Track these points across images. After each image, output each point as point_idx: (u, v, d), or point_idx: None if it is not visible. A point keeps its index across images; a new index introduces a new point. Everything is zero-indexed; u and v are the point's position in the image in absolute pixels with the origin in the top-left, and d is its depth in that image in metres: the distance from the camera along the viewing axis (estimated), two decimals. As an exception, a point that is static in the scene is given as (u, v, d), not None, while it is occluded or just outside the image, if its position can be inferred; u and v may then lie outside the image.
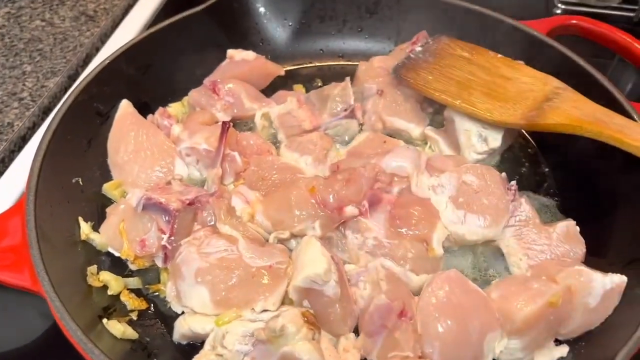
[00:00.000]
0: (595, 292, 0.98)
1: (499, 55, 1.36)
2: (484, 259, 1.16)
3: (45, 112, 1.55)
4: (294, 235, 1.12)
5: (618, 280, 1.01)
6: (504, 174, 1.19)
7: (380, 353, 0.97)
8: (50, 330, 1.17)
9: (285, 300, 1.04)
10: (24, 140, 1.48)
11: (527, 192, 1.28)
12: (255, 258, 1.05)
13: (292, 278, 1.03)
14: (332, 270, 1.00)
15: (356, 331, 1.03)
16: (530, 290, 0.97)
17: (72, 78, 1.64)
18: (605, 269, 1.04)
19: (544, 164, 1.38)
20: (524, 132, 1.42)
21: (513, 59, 1.35)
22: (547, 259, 1.09)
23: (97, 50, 1.73)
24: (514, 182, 1.17)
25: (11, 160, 1.43)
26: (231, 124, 1.25)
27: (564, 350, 1.01)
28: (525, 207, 1.15)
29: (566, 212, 1.26)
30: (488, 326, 0.96)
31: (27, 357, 1.16)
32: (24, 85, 1.57)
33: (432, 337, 0.95)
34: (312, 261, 1.01)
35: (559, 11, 1.84)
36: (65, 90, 1.61)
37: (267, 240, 1.13)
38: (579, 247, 1.11)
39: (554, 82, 1.27)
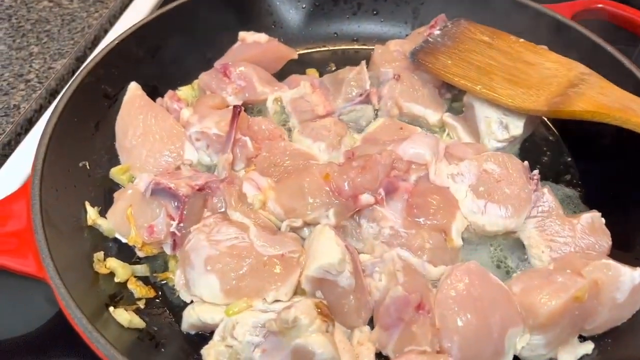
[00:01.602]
0: (624, 287, 0.94)
1: (521, 40, 1.31)
2: (504, 251, 1.11)
3: (52, 94, 1.51)
4: (306, 224, 1.09)
5: (647, 274, 0.96)
6: (526, 162, 1.14)
7: (396, 347, 0.93)
8: (58, 316, 1.14)
9: (297, 291, 1.01)
10: (30, 122, 1.45)
11: (548, 182, 1.24)
12: (267, 246, 1.02)
13: (305, 268, 1.00)
14: (346, 261, 0.97)
15: (371, 323, 1.00)
16: (555, 284, 0.93)
17: (80, 60, 1.60)
18: (632, 263, 1.00)
19: (567, 153, 1.33)
20: (545, 119, 1.37)
21: (536, 44, 1.30)
22: (571, 251, 1.05)
23: (106, 32, 1.69)
24: (536, 171, 1.13)
25: (17, 143, 1.41)
26: (242, 108, 1.21)
27: (589, 347, 0.97)
28: (548, 197, 1.11)
29: (590, 203, 1.21)
30: (510, 321, 0.92)
31: (34, 343, 1.13)
32: (30, 66, 1.54)
33: (451, 331, 0.91)
34: (326, 251, 0.98)
35: (582, -5, 1.77)
36: (73, 72, 1.57)
37: (279, 229, 1.09)
38: (605, 240, 1.07)
39: (579, 68, 1.22)
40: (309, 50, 1.58)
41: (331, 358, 0.88)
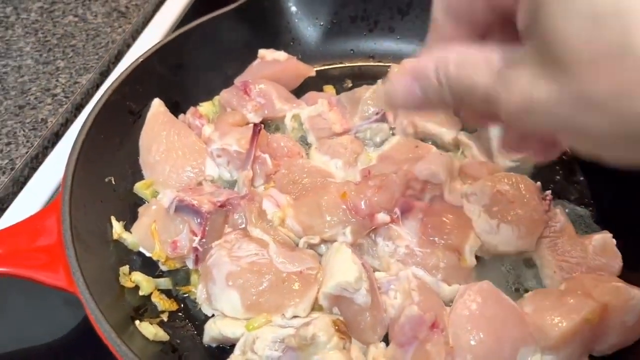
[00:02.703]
0: (634, 310, 0.96)
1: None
2: (516, 270, 1.14)
3: (78, 108, 1.56)
4: (324, 241, 1.12)
5: (657, 297, 0.98)
6: (538, 183, 1.17)
7: (411, 364, 0.96)
8: (81, 325, 1.18)
9: (315, 306, 1.04)
10: (57, 136, 1.49)
11: (561, 201, 1.26)
12: (286, 263, 1.05)
13: (323, 285, 1.03)
14: (363, 279, 1.00)
15: (386, 340, 1.03)
16: (566, 306, 0.95)
17: (104, 74, 1.65)
18: (641, 283, 1.02)
19: (579, 172, 1.34)
20: (558, 138, 1.39)
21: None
22: (582, 272, 1.07)
23: (129, 46, 1.74)
24: (549, 192, 1.15)
25: (45, 156, 1.45)
26: (262, 126, 1.25)
27: (599, 367, 1.00)
28: (560, 217, 1.13)
29: (601, 222, 1.23)
30: (521, 340, 0.95)
31: (58, 352, 1.17)
32: (57, 81, 1.59)
33: (464, 349, 0.94)
34: (343, 269, 1.01)
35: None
36: (97, 86, 1.62)
37: (297, 245, 1.13)
38: (616, 261, 1.09)
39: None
40: (326, 67, 1.61)
41: (348, 374, 0.91)
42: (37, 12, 1.81)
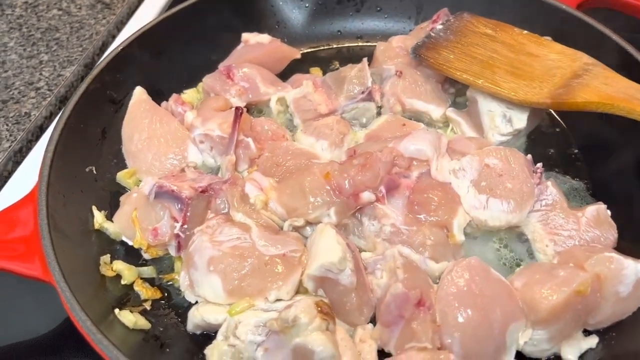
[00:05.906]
0: (627, 280, 0.92)
1: (525, 32, 1.29)
2: (508, 245, 1.10)
3: (62, 101, 1.54)
4: (308, 223, 1.09)
5: (652, 267, 0.95)
6: (529, 155, 1.13)
7: (398, 344, 0.93)
8: (69, 319, 1.16)
9: (300, 289, 1.01)
10: (41, 129, 1.48)
11: (555, 174, 1.22)
12: (269, 246, 1.02)
13: (307, 266, 1.00)
14: (347, 259, 0.97)
15: (374, 321, 1.00)
16: (557, 278, 0.92)
17: (88, 66, 1.63)
18: (638, 255, 0.98)
19: (573, 144, 1.31)
20: (551, 111, 1.35)
21: (540, 35, 1.28)
22: (575, 245, 1.03)
23: (113, 37, 1.72)
24: (539, 165, 1.11)
25: (29, 149, 1.44)
26: (244, 109, 1.22)
27: (593, 341, 0.96)
28: (551, 190, 1.09)
29: (597, 195, 1.19)
30: (511, 316, 0.91)
31: (46, 345, 1.16)
32: (40, 74, 1.57)
33: (451, 327, 0.91)
34: (327, 249, 0.98)
35: (589, -17, 1.74)
36: (82, 78, 1.60)
37: (282, 228, 1.10)
38: (610, 232, 1.05)
39: (583, 58, 1.20)
40: (313, 49, 1.58)
41: (331, 356, 0.88)
42: (22, 8, 1.79)
